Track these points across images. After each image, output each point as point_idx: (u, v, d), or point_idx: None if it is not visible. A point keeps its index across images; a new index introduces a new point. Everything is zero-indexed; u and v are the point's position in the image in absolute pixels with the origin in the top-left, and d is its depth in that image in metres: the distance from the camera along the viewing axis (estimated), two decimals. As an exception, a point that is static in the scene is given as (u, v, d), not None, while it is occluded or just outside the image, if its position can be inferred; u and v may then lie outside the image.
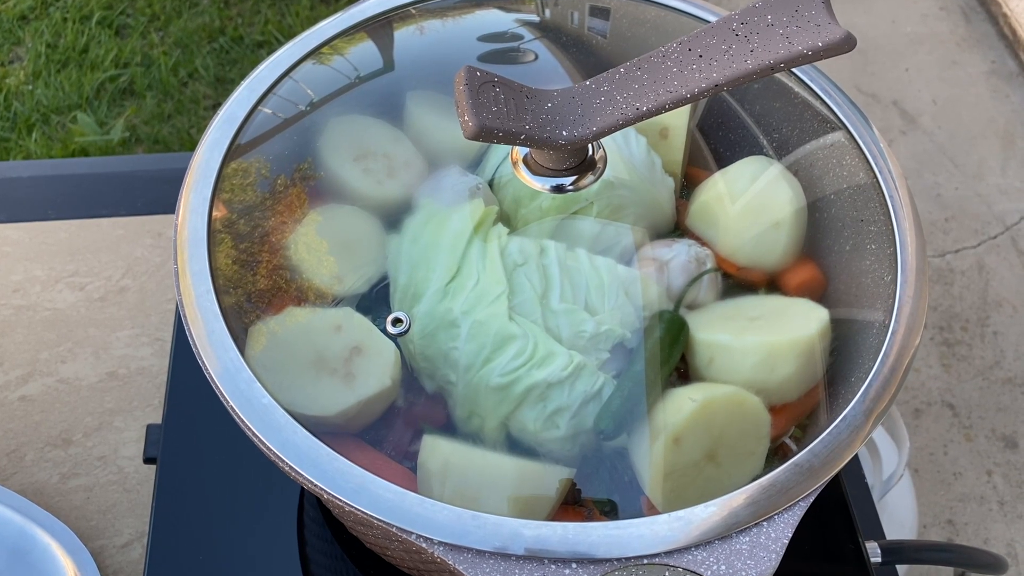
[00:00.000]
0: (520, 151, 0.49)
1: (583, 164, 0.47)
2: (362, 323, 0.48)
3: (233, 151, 0.52)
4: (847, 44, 0.40)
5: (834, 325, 0.50)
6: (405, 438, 0.48)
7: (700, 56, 0.42)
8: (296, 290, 0.50)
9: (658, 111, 0.42)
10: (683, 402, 0.46)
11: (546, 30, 0.61)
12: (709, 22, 0.53)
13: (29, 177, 0.85)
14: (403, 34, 0.60)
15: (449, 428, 0.48)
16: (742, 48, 0.41)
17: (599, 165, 0.48)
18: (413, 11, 0.60)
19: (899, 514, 1.20)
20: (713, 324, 0.51)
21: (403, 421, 0.49)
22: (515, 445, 0.47)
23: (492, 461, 0.45)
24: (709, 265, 0.53)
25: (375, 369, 0.47)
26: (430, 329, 0.48)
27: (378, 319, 0.49)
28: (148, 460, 0.64)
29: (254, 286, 0.49)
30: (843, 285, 0.53)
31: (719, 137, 0.59)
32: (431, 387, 0.49)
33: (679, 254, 0.53)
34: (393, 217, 0.53)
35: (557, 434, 0.47)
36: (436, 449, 0.46)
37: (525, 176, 0.48)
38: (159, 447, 0.63)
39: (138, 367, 0.75)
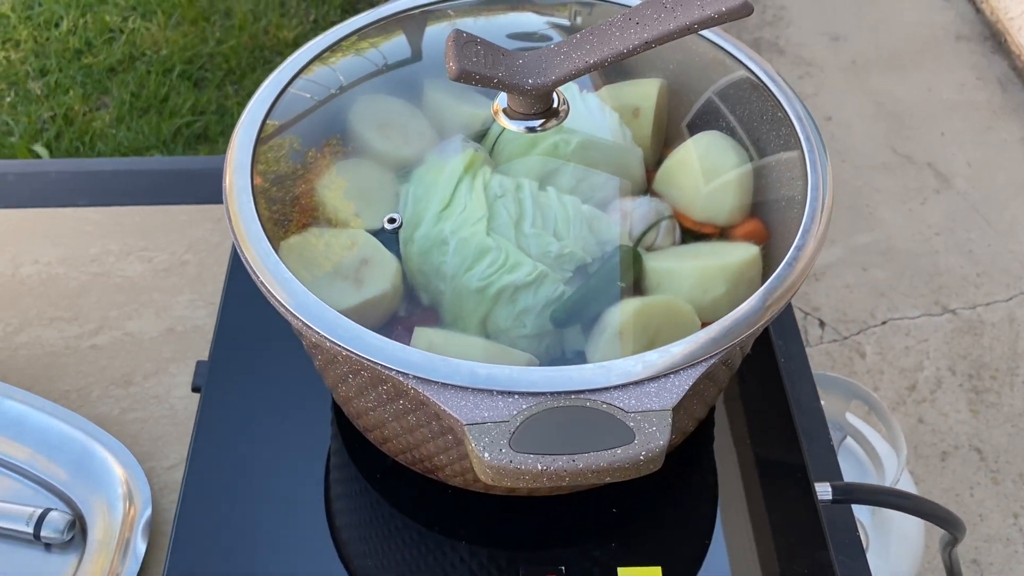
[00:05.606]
0: (500, 103, 0.60)
1: (549, 111, 0.59)
2: (371, 241, 0.60)
3: (271, 120, 0.64)
4: (744, 9, 0.51)
5: (766, 261, 0.60)
6: (404, 341, 0.59)
7: (636, 23, 0.54)
8: (322, 221, 0.61)
9: (602, 63, 0.54)
10: (627, 303, 0.56)
11: (567, 32, 0.72)
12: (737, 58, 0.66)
13: (112, 171, 0.99)
14: (429, 31, 0.73)
15: (441, 331, 0.58)
16: (668, 16, 0.53)
17: (562, 113, 0.60)
18: (450, 12, 0.72)
19: (905, 525, 1.24)
20: (663, 257, 0.61)
21: (403, 328, 0.59)
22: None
23: (467, 341, 0.56)
24: (667, 215, 0.63)
25: (379, 276, 0.58)
26: (426, 247, 0.59)
27: (385, 241, 0.60)
28: (195, 389, 0.75)
29: (289, 215, 0.61)
30: (780, 233, 0.62)
31: (690, 123, 0.70)
32: (427, 300, 0.60)
33: (641, 205, 0.63)
34: (405, 172, 0.65)
35: (524, 331, 0.57)
36: (423, 335, 0.56)
37: (503, 121, 0.60)
38: (205, 378, 0.74)
39: (193, 325, 0.88)
